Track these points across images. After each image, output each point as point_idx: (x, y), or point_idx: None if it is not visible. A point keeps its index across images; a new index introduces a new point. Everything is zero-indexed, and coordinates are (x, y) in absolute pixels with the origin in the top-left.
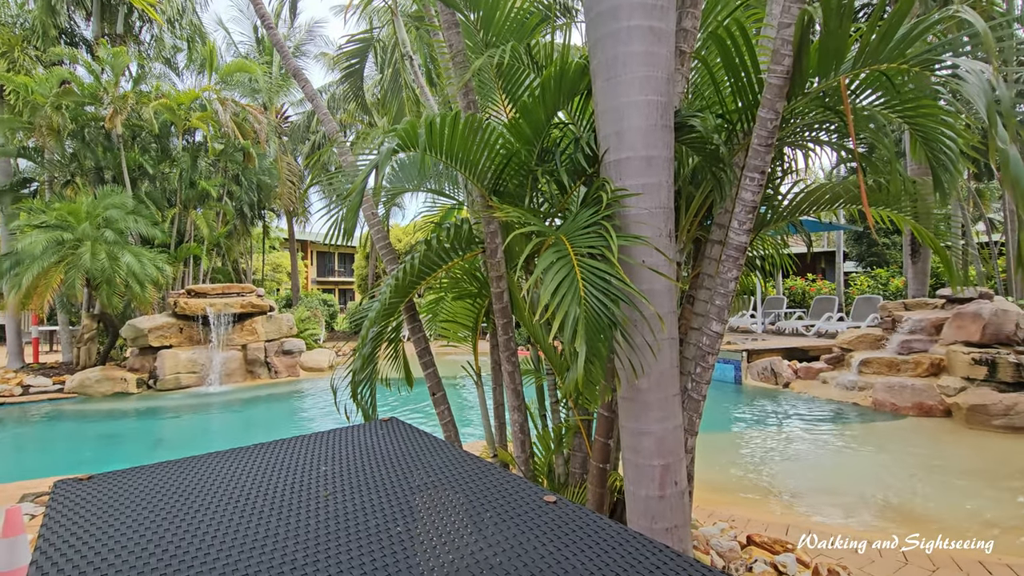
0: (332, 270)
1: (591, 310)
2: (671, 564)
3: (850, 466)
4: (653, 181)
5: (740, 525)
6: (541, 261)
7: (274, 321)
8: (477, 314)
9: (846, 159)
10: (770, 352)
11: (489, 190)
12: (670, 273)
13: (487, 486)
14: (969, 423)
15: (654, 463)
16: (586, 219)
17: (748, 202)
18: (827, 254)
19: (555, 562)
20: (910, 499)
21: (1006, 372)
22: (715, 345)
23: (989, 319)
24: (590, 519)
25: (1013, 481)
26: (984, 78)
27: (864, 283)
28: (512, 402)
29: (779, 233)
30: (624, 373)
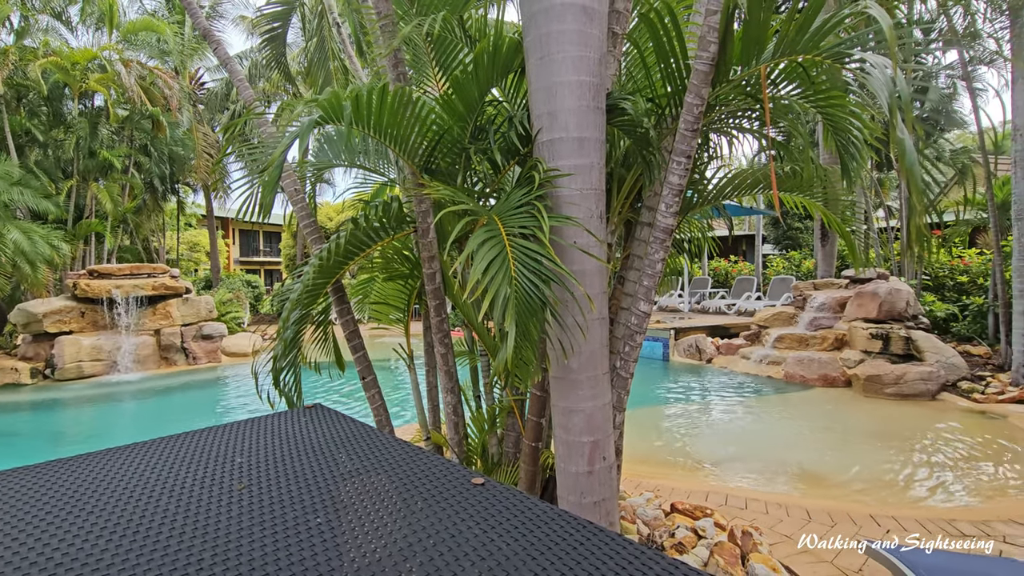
0: (257, 249)
1: (522, 290)
2: (594, 539)
3: (764, 435)
4: (585, 162)
5: (665, 494)
6: (472, 240)
7: (191, 304)
8: (409, 295)
9: (766, 147)
10: (695, 330)
11: (421, 167)
12: (601, 254)
13: (414, 471)
14: (866, 392)
15: (584, 440)
16: (518, 199)
17: (675, 185)
18: (748, 237)
19: (481, 544)
20: (814, 462)
21: (897, 345)
22: (643, 324)
23: (885, 297)
24: (517, 499)
25: (900, 443)
26: (887, 73)
27: (780, 265)
28: (445, 384)
29: (704, 217)
30: (555, 353)
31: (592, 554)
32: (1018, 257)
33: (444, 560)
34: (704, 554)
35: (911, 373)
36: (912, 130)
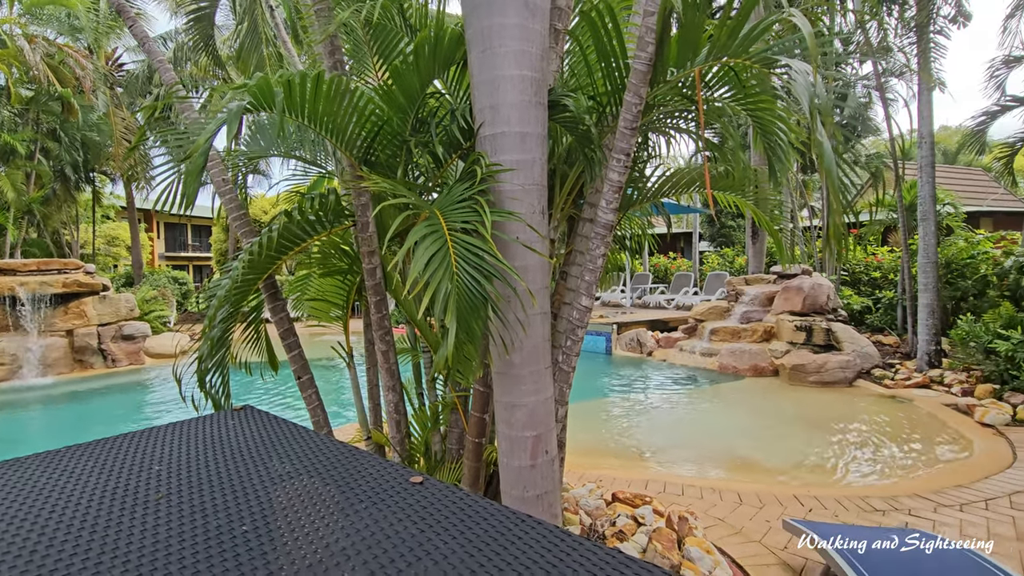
0: (184, 244)
1: (464, 286)
2: (532, 532)
3: (700, 424)
4: (527, 158)
5: (607, 484)
6: (412, 234)
7: (109, 302)
8: (348, 291)
9: (701, 148)
10: (636, 324)
11: (359, 159)
12: (543, 250)
13: (351, 472)
14: (791, 381)
15: (526, 434)
16: (460, 193)
17: (615, 182)
18: (686, 234)
19: (418, 544)
20: (745, 448)
21: (819, 336)
22: (584, 319)
23: (808, 292)
24: (456, 496)
25: (821, 427)
26: (808, 79)
27: (715, 261)
28: (387, 382)
29: (644, 214)
30: (497, 349)
31: (530, 547)
32: (923, 255)
33: (379, 563)
34: (643, 540)
35: (831, 362)
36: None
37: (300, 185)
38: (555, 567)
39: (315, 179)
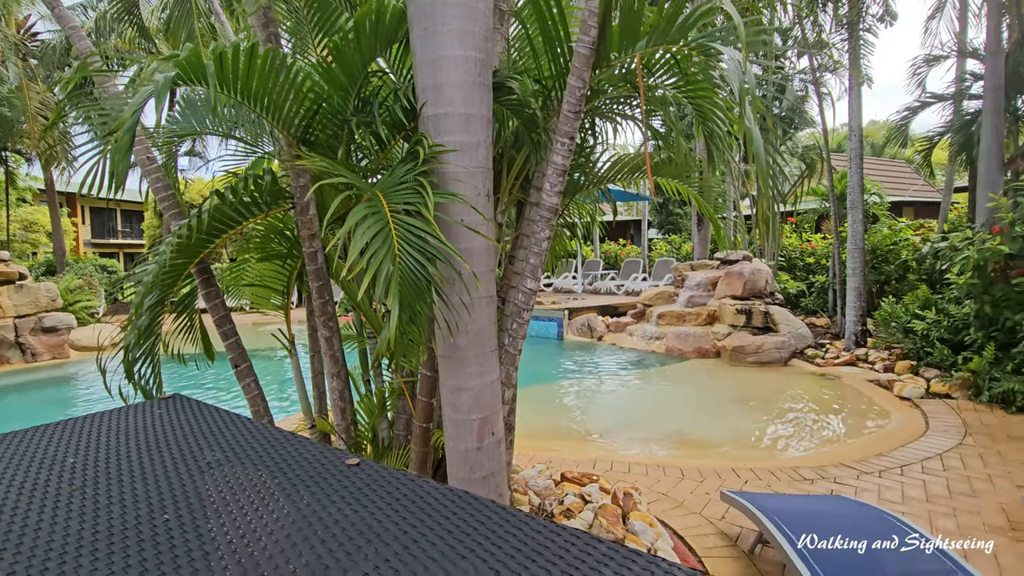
0: (114, 230)
1: (407, 268)
2: (468, 508)
3: (647, 404)
4: (472, 139)
5: (556, 465)
6: (352, 215)
7: (27, 292)
8: (289, 277)
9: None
10: (587, 310)
11: (297, 139)
12: (488, 232)
13: (284, 457)
14: (732, 362)
15: (472, 417)
16: (402, 174)
17: (559, 165)
18: (635, 222)
19: (351, 524)
20: (689, 426)
21: (758, 319)
22: (530, 301)
23: (748, 277)
24: (392, 476)
25: (758, 404)
26: (738, 65)
27: (663, 247)
28: (331, 369)
29: (594, 201)
30: (442, 332)
31: (464, 522)
32: (851, 241)
33: (310, 544)
34: (589, 517)
35: (768, 343)
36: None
37: (240, 168)
38: (487, 538)
39: (254, 161)
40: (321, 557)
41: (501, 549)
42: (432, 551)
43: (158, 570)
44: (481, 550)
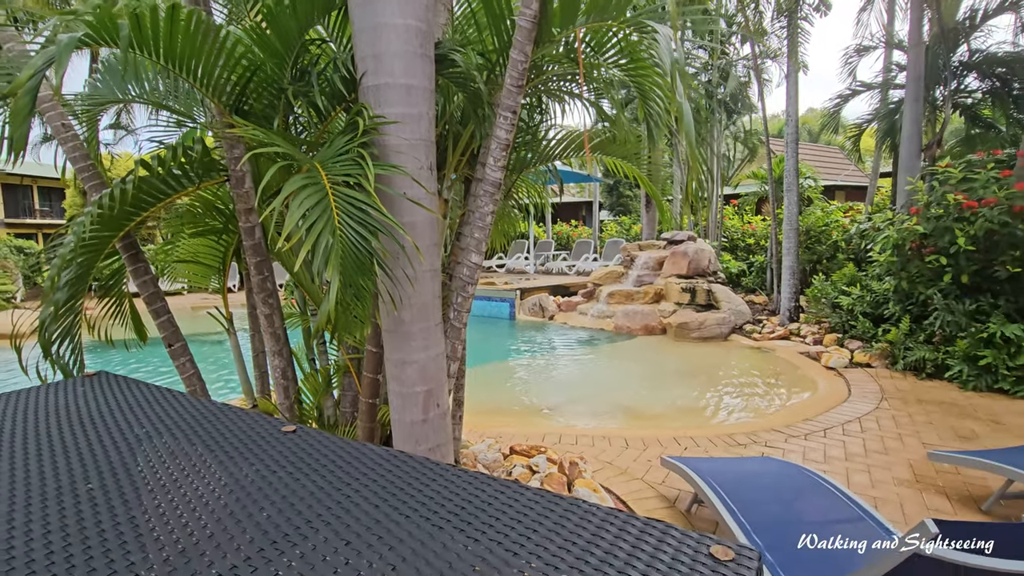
0: (30, 209)
1: (348, 241)
2: (403, 466)
3: (595, 380)
4: (413, 111)
5: (506, 439)
6: (288, 185)
7: None
8: (225, 253)
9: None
10: (539, 290)
11: (230, 107)
12: (431, 206)
13: (219, 428)
14: (677, 338)
15: (417, 390)
16: (342, 146)
17: (502, 140)
18: (588, 203)
19: (284, 485)
20: (634, 399)
21: (701, 297)
22: (475, 276)
23: (693, 256)
24: (329, 441)
25: (700, 377)
26: (669, 41)
27: (613, 229)
28: (272, 347)
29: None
30: (386, 306)
31: (399, 478)
32: (787, 222)
33: (241, 504)
34: (536, 486)
35: (710, 320)
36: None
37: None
38: (431, 498)
39: (187, 133)
40: (260, 525)
41: (444, 507)
42: (375, 512)
43: (81, 535)
44: (425, 509)
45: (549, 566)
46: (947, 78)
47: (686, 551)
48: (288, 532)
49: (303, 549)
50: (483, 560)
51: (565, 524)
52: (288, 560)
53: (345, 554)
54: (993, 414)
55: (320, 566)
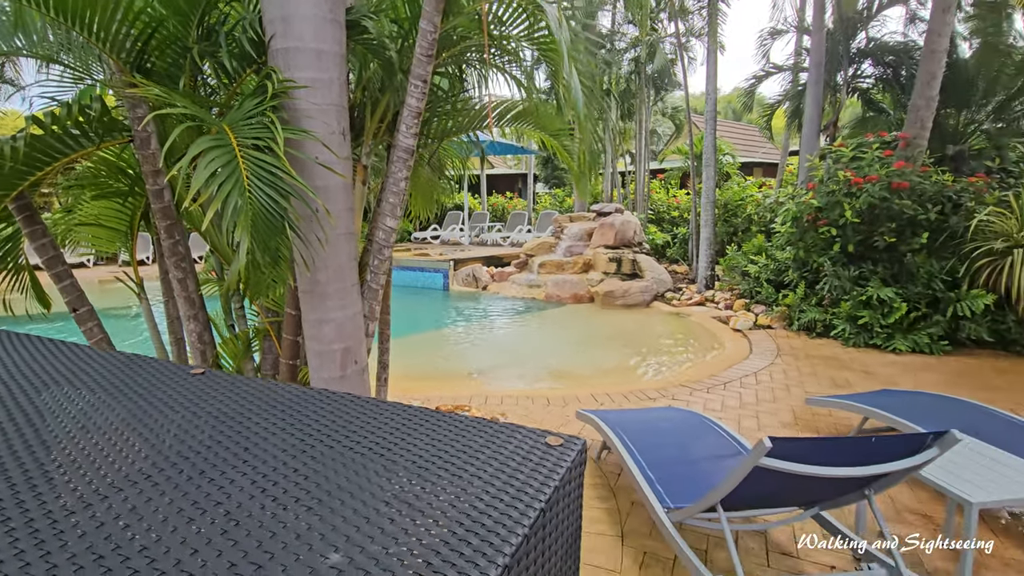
0: None
1: (259, 204)
2: (309, 396)
3: (525, 346)
4: (324, 76)
5: (433, 401)
6: (194, 146)
7: None
8: (132, 216)
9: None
10: (473, 260)
11: (131, 65)
12: (344, 172)
13: (123, 379)
14: (604, 305)
15: (335, 347)
16: (251, 108)
17: (413, 108)
18: (523, 176)
19: (193, 425)
20: (561, 362)
21: (627, 266)
22: (390, 239)
23: (619, 228)
24: (238, 380)
25: (623, 341)
26: (556, 20)
27: (547, 201)
28: (187, 311)
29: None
30: (300, 268)
31: (305, 405)
32: (705, 196)
33: (157, 449)
34: None
35: (634, 288)
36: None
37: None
38: (344, 427)
39: (85, 89)
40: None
41: (356, 432)
42: (284, 442)
43: None
44: (338, 435)
45: (423, 458)
46: (846, 63)
47: (529, 441)
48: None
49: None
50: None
51: (440, 430)
52: (200, 490)
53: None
54: (866, 366)
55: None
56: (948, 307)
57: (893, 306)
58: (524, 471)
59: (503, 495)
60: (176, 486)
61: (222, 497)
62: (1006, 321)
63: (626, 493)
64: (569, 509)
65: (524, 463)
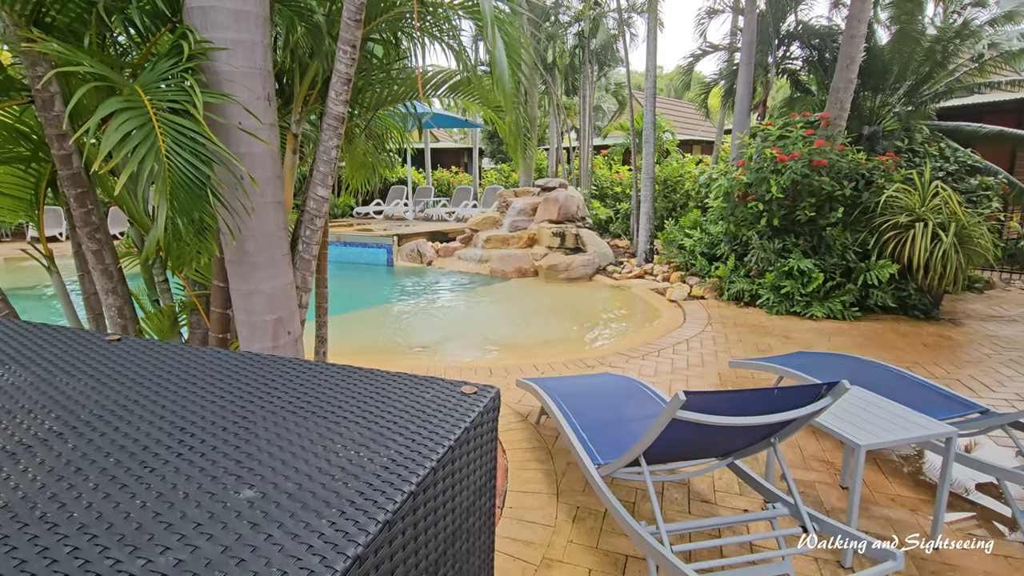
0: None
1: (179, 170)
2: (228, 358)
3: (470, 319)
4: (245, 38)
5: None
6: (102, 108)
7: None
8: (37, 183)
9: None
10: (417, 236)
11: (27, 18)
12: (270, 138)
13: (34, 349)
14: (547, 279)
15: (266, 318)
16: (166, 69)
17: (343, 74)
18: (468, 150)
19: (110, 390)
20: (504, 335)
21: (570, 241)
22: (321, 208)
23: (563, 203)
24: (157, 345)
25: (566, 313)
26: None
27: (493, 175)
28: (105, 285)
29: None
30: (226, 237)
31: (228, 366)
32: (645, 172)
33: (63, 420)
34: None
35: (577, 262)
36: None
37: None
38: (263, 385)
39: None
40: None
41: (278, 390)
42: (204, 400)
43: None
44: (259, 392)
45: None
46: (775, 45)
47: (445, 391)
48: (120, 426)
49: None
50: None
51: (360, 384)
52: (115, 444)
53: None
54: (786, 331)
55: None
56: (859, 276)
57: (812, 276)
58: (438, 416)
59: (416, 436)
60: (90, 441)
61: (138, 449)
62: (907, 289)
63: (563, 455)
64: (483, 450)
65: (439, 410)
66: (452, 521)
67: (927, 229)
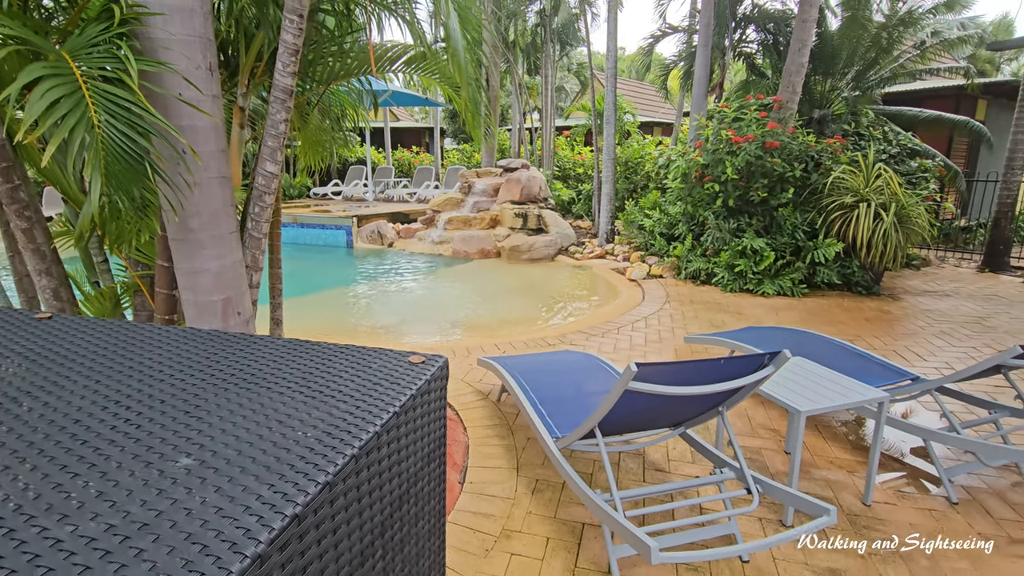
0: None
1: (113, 142)
2: (169, 334)
3: (432, 301)
4: (182, 4)
5: None
6: (23, 75)
7: None
8: None
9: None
10: (377, 217)
11: None
12: (213, 111)
13: None
14: (510, 260)
15: (214, 298)
16: (96, 35)
17: (289, 44)
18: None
19: (34, 358)
20: (467, 316)
21: (532, 221)
22: (271, 185)
23: (525, 183)
24: (92, 322)
25: (528, 293)
26: None
27: (455, 156)
28: (38, 266)
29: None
30: (168, 214)
31: (168, 342)
32: (606, 153)
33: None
34: None
35: (539, 242)
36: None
37: None
38: (208, 358)
39: None
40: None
41: (221, 363)
42: (140, 373)
43: None
44: (201, 365)
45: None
46: (732, 28)
47: (392, 361)
48: (49, 402)
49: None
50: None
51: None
52: (44, 418)
53: None
54: (739, 308)
55: None
56: (807, 255)
57: (763, 255)
58: (383, 385)
59: (361, 403)
60: (16, 417)
61: (68, 423)
62: (851, 266)
63: (523, 431)
64: (431, 417)
65: (385, 379)
66: (399, 485)
67: (870, 209)
